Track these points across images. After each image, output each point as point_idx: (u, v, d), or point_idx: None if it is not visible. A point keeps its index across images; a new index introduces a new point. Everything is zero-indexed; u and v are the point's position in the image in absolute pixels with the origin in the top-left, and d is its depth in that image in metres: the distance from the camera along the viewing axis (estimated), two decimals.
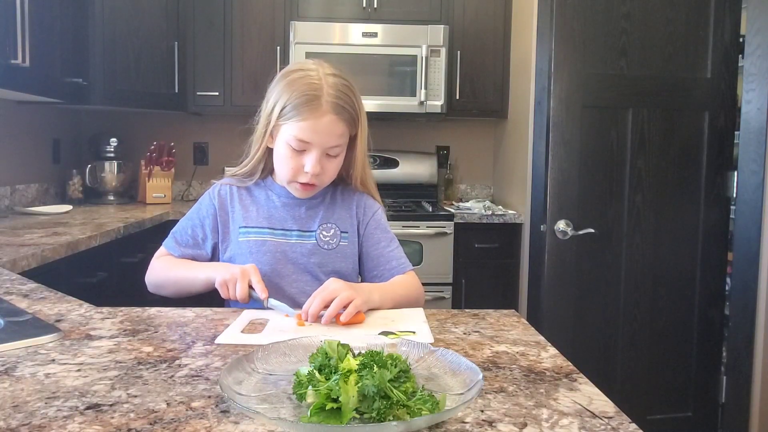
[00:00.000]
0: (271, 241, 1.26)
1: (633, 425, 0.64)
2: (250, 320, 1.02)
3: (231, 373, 0.68)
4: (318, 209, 1.31)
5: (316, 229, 1.29)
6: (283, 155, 1.22)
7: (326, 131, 1.18)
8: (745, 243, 2.15)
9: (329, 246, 1.29)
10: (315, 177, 1.21)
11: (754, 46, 2.10)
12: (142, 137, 3.23)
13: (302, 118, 1.17)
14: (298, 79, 1.19)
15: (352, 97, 1.22)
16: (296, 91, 1.18)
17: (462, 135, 3.52)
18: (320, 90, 1.18)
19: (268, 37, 3.09)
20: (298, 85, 1.18)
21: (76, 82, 2.50)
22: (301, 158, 1.20)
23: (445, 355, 0.76)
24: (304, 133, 1.17)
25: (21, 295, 1.16)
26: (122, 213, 2.62)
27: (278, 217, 1.29)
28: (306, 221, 1.29)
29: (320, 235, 1.29)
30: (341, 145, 1.22)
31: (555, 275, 2.31)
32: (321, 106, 1.17)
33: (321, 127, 1.17)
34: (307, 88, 1.18)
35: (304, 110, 1.17)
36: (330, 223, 1.30)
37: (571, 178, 2.28)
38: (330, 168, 1.23)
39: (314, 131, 1.17)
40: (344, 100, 1.20)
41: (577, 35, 2.24)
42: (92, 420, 0.63)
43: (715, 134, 2.36)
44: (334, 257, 1.29)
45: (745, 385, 2.16)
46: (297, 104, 1.17)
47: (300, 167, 1.20)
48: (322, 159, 1.20)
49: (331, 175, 1.25)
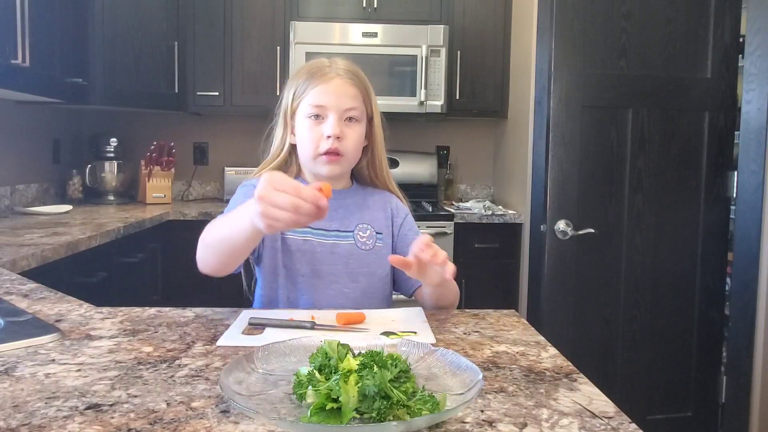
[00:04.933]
0: (312, 240, 1.23)
1: (633, 425, 0.64)
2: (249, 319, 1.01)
3: (231, 373, 0.68)
4: (353, 210, 1.29)
5: (353, 229, 1.27)
6: (304, 130, 1.21)
7: (338, 92, 1.20)
8: (745, 243, 2.15)
9: (366, 247, 1.27)
10: (337, 141, 1.18)
11: (754, 46, 2.10)
12: (142, 137, 3.23)
13: (313, 86, 1.20)
14: (306, 65, 1.26)
15: (361, 73, 1.25)
16: (305, 71, 1.24)
17: (462, 135, 3.52)
18: (330, 62, 1.24)
19: (268, 37, 3.09)
20: (307, 67, 1.25)
21: (76, 81, 2.49)
22: (320, 126, 1.20)
23: (445, 355, 0.76)
24: (317, 97, 1.19)
25: (21, 295, 1.16)
26: (122, 213, 2.62)
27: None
28: (343, 221, 1.27)
29: (358, 236, 1.27)
30: (357, 108, 1.22)
31: (555, 275, 2.31)
32: (329, 72, 1.21)
33: (332, 88, 1.20)
34: (317, 63, 1.24)
35: (314, 79, 1.21)
36: (365, 223, 1.29)
37: (571, 178, 2.28)
38: (351, 135, 1.21)
39: (326, 93, 1.19)
40: (353, 71, 1.23)
41: (577, 35, 2.24)
42: (92, 420, 0.63)
43: (715, 134, 2.36)
44: (371, 258, 1.26)
45: (745, 385, 2.16)
46: (307, 77, 1.22)
47: (320, 135, 1.19)
48: (341, 123, 1.20)
49: (354, 144, 1.22)
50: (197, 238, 1.06)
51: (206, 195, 3.44)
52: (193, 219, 2.75)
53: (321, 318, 1.04)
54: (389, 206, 1.33)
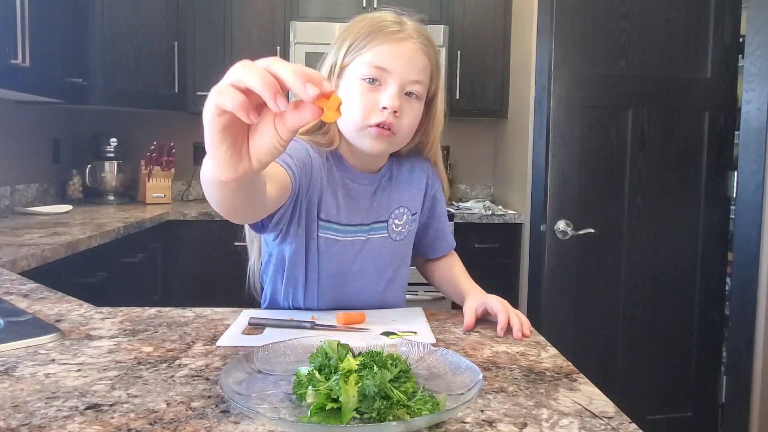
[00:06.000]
0: (342, 240, 1.08)
1: (633, 425, 0.64)
2: (249, 319, 1.01)
3: (231, 373, 0.68)
4: (391, 192, 1.13)
5: (388, 218, 1.13)
6: (355, 93, 1.00)
7: (407, 56, 0.99)
8: (745, 243, 2.15)
9: (400, 236, 1.14)
10: (393, 116, 0.99)
11: (754, 46, 2.10)
12: (142, 137, 3.23)
13: (379, 41, 0.99)
14: (369, 17, 1.04)
15: (433, 41, 1.06)
16: (369, 22, 1.02)
17: (462, 135, 3.52)
18: (400, 19, 1.03)
19: (268, 37, 3.09)
20: (370, 19, 1.03)
21: (76, 82, 2.50)
22: (377, 94, 0.99)
23: (445, 355, 0.76)
24: (380, 57, 0.99)
25: (21, 295, 1.16)
26: (122, 213, 2.62)
27: (351, 208, 1.09)
28: (378, 210, 1.12)
29: (392, 225, 1.13)
30: (422, 83, 1.02)
31: (555, 275, 2.31)
32: (402, 30, 1.01)
33: (402, 51, 0.99)
34: (384, 17, 1.03)
35: (378, 35, 1.00)
36: (402, 207, 1.14)
37: (571, 178, 2.28)
38: (410, 112, 1.02)
39: (392, 54, 0.99)
40: (426, 36, 1.04)
41: (577, 35, 2.24)
42: (92, 420, 0.63)
43: (715, 134, 2.36)
44: (402, 247, 1.16)
45: (745, 385, 2.16)
46: (371, 30, 1.00)
47: (374, 104, 0.99)
48: (401, 95, 1.00)
49: (410, 124, 1.03)
50: (197, 238, 1.04)
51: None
52: (193, 219, 2.75)
53: (321, 318, 1.04)
54: (428, 176, 1.19)
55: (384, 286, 1.15)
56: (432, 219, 1.23)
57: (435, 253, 1.26)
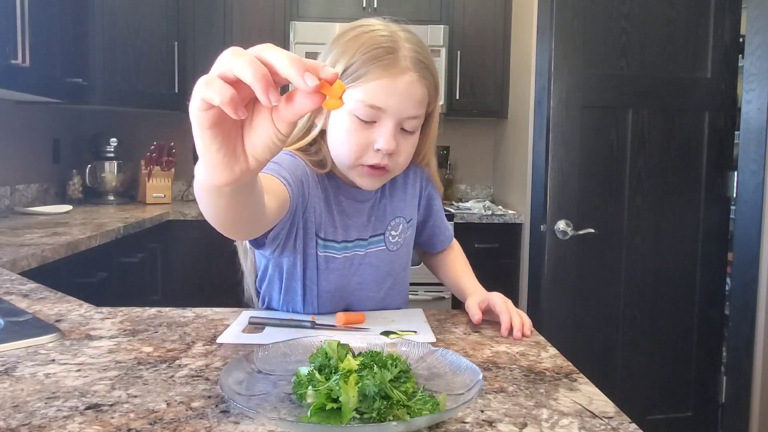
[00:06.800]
0: (339, 258, 1.05)
1: (633, 425, 0.64)
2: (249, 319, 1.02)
3: (231, 373, 0.68)
4: (385, 203, 1.11)
5: (384, 231, 1.11)
6: (346, 130, 0.95)
7: (404, 93, 0.92)
8: (745, 243, 2.15)
9: (397, 246, 1.13)
10: (388, 157, 0.95)
11: (754, 46, 2.10)
12: (142, 137, 3.23)
13: (374, 76, 0.91)
14: (363, 34, 0.94)
15: (430, 56, 0.97)
16: (363, 45, 0.92)
17: (462, 135, 3.52)
18: (395, 43, 0.93)
19: (268, 37, 3.09)
20: (365, 39, 0.93)
21: (76, 82, 2.50)
22: (371, 132, 0.94)
23: (445, 355, 0.76)
24: (377, 96, 0.91)
25: (21, 295, 1.16)
26: (122, 213, 2.62)
27: (347, 226, 1.06)
28: (375, 223, 1.09)
29: (389, 237, 1.11)
30: (419, 117, 0.96)
31: (555, 275, 2.31)
32: (399, 62, 0.92)
33: (398, 87, 0.92)
34: (380, 40, 0.93)
35: (376, 67, 0.91)
36: (398, 217, 1.12)
37: (571, 178, 2.28)
38: (405, 148, 0.97)
39: (390, 92, 0.91)
40: (425, 56, 0.95)
41: (577, 35, 2.24)
42: (92, 420, 0.63)
43: (715, 134, 2.36)
44: (399, 256, 1.14)
45: (745, 385, 2.16)
46: (366, 60, 0.91)
47: (368, 144, 0.94)
48: (396, 134, 0.94)
49: (405, 159, 0.99)
50: (197, 238, 1.04)
51: None
52: (193, 219, 2.75)
53: (321, 318, 1.04)
54: (420, 180, 1.17)
55: (383, 294, 1.14)
56: (429, 216, 1.22)
57: (434, 248, 1.27)
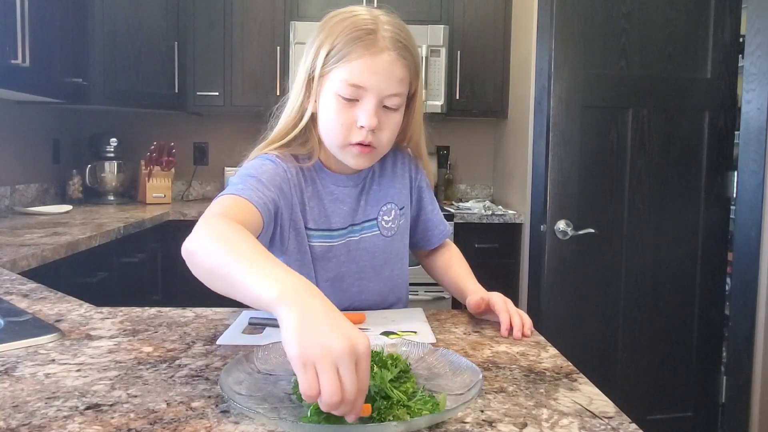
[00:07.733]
0: (337, 245, 1.09)
1: (633, 425, 0.64)
2: (249, 319, 1.02)
3: (231, 373, 0.68)
4: (374, 188, 1.13)
5: (377, 216, 1.13)
6: (332, 110, 1.00)
7: (384, 71, 0.97)
8: (745, 243, 2.15)
9: (391, 232, 1.14)
10: (371, 134, 0.99)
11: (754, 46, 2.10)
12: (142, 137, 3.23)
13: (355, 56, 0.96)
14: (346, 18, 1.00)
15: (411, 38, 1.02)
16: (346, 29, 0.98)
17: (462, 135, 3.52)
18: (375, 25, 0.98)
19: (268, 37, 3.09)
20: (347, 23, 0.98)
21: (76, 82, 2.50)
22: (354, 111, 0.99)
23: (445, 355, 0.76)
24: (357, 74, 0.96)
25: (21, 295, 1.16)
26: (122, 213, 2.62)
27: (340, 212, 1.10)
28: (366, 208, 1.12)
29: (382, 222, 1.13)
30: (401, 95, 1.01)
31: (555, 275, 2.31)
32: (377, 42, 0.97)
33: (378, 65, 0.97)
34: (360, 23, 0.98)
35: (357, 47, 0.96)
36: (389, 203, 1.14)
37: (571, 178, 2.28)
38: (388, 125, 1.01)
39: (370, 71, 0.96)
40: (404, 37, 1.00)
41: (577, 35, 2.24)
42: (92, 420, 0.63)
43: (715, 134, 2.36)
44: (395, 243, 1.15)
45: (745, 385, 2.16)
46: (347, 41, 0.97)
47: (352, 122, 0.99)
48: (378, 111, 0.99)
49: (389, 137, 1.03)
50: None
51: (206, 195, 3.44)
52: (193, 219, 2.74)
53: None
54: (410, 169, 1.19)
55: (383, 285, 1.15)
56: (420, 210, 1.22)
57: (430, 244, 1.25)
